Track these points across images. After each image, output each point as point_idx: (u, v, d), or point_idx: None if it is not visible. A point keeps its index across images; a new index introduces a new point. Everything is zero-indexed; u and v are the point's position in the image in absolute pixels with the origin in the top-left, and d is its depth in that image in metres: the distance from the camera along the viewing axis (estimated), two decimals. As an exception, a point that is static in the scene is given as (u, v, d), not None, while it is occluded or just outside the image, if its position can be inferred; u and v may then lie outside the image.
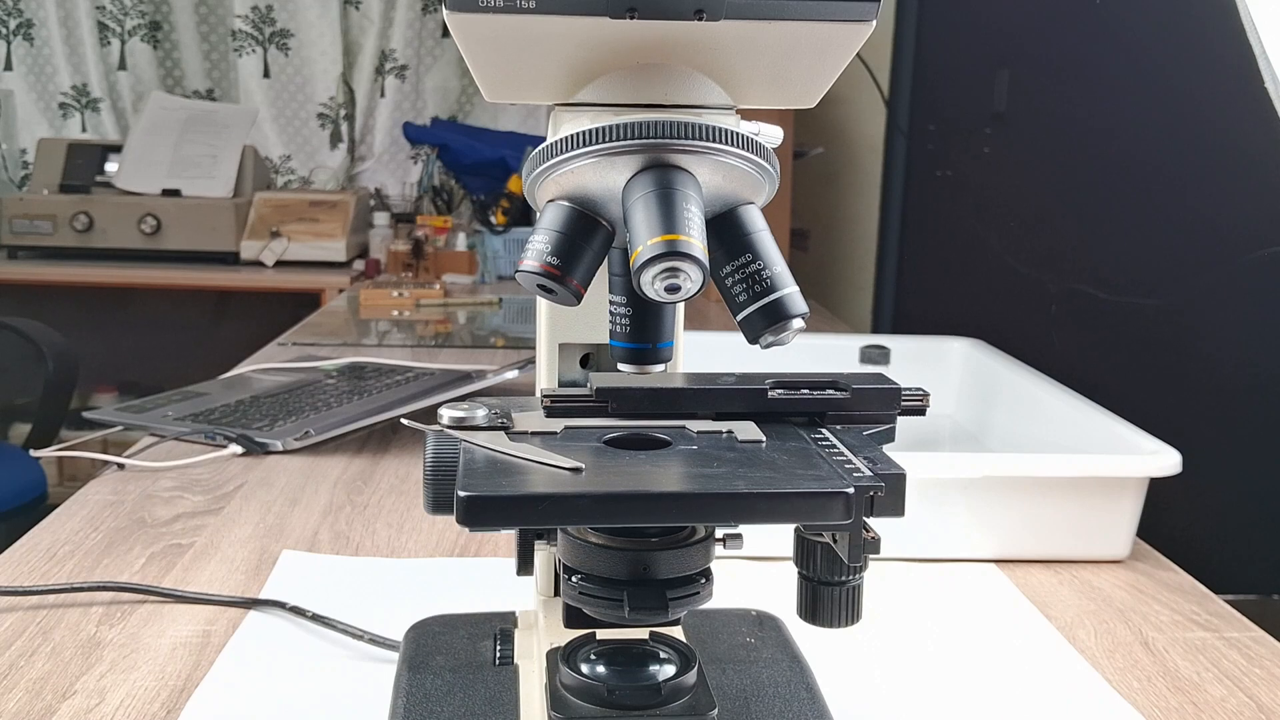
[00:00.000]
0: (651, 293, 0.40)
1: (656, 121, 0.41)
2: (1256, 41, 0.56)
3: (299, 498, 1.03)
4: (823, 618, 0.47)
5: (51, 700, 0.66)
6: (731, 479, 0.44)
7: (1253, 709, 0.70)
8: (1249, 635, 0.80)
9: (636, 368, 0.47)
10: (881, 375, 0.54)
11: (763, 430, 0.50)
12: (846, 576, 0.47)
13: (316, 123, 3.16)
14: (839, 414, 0.52)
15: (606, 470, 0.45)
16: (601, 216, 0.43)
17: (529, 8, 0.40)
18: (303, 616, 0.78)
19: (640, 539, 0.49)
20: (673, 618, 0.49)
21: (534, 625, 0.63)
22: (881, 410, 0.52)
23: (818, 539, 0.47)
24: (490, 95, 0.45)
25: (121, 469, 1.10)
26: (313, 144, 3.18)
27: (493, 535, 0.94)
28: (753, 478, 0.44)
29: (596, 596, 0.48)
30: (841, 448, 0.48)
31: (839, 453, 0.47)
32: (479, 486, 0.42)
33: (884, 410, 0.52)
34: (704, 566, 0.50)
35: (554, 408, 0.53)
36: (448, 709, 0.56)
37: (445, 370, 1.51)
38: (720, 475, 0.44)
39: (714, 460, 0.46)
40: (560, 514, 0.44)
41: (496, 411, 0.52)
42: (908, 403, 0.52)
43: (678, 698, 0.51)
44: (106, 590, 0.81)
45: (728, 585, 0.71)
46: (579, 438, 0.49)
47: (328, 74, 3.12)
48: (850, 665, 0.74)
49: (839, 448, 0.48)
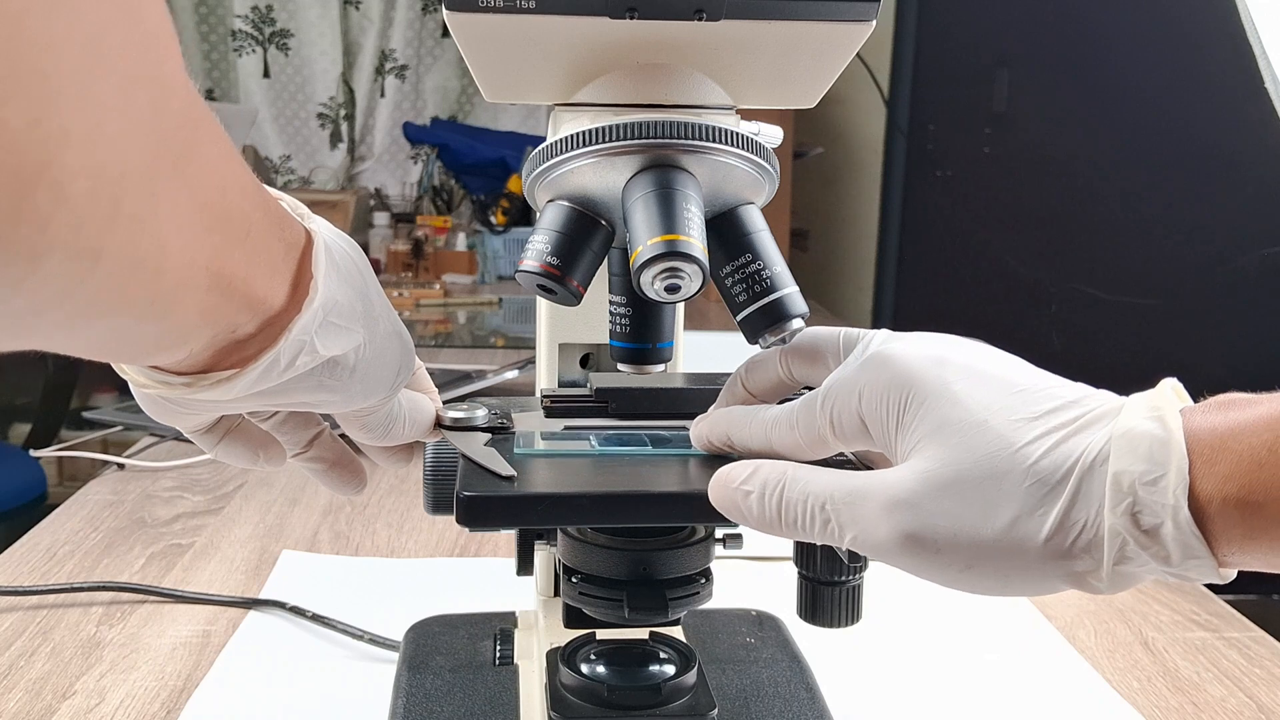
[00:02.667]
0: (651, 293, 0.40)
1: (656, 121, 0.41)
2: (1256, 41, 0.56)
3: (299, 498, 1.03)
4: (823, 618, 0.47)
5: (51, 700, 0.66)
6: None
7: (1253, 709, 0.69)
8: (1249, 635, 0.80)
9: (636, 368, 0.47)
10: None
11: None
12: (846, 576, 0.46)
13: (316, 123, 3.16)
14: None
15: (606, 470, 0.45)
16: (601, 216, 0.43)
17: (529, 8, 0.40)
18: (303, 616, 0.77)
19: (640, 539, 0.49)
20: (673, 618, 0.49)
21: (534, 625, 0.63)
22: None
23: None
24: (490, 95, 0.45)
25: (121, 469, 1.10)
26: (313, 144, 3.17)
27: (493, 535, 0.94)
28: None
29: (596, 597, 0.48)
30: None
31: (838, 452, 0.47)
32: (479, 487, 0.42)
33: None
34: (704, 566, 0.50)
35: (554, 408, 0.53)
36: (448, 709, 0.56)
37: (445, 370, 1.51)
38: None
39: (714, 460, 0.46)
40: (560, 514, 0.44)
41: (496, 411, 0.52)
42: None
43: (678, 698, 0.51)
44: (106, 590, 0.81)
45: (728, 585, 0.71)
46: (578, 437, 0.49)
47: (328, 74, 3.12)
48: (850, 665, 0.74)
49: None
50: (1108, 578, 0.34)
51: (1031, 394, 0.36)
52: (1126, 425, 0.34)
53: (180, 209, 0.28)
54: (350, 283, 0.39)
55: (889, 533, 0.36)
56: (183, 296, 0.31)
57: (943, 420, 0.36)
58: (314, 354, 0.38)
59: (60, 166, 0.23)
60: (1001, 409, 0.36)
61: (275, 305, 0.36)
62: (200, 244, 0.30)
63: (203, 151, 0.29)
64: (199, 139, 0.29)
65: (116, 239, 0.26)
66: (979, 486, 0.35)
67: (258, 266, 0.34)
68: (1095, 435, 0.34)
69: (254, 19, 3.07)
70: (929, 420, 0.36)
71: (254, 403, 0.39)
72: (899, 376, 0.38)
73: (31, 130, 0.22)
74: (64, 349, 0.30)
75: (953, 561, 0.36)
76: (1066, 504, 0.34)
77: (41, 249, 0.24)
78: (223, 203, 0.31)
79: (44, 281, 0.25)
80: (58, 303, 0.26)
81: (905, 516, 0.36)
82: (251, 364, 0.36)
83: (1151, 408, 0.34)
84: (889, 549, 0.36)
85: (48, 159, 0.23)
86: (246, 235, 0.33)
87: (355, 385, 0.41)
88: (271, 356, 0.36)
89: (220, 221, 0.31)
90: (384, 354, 0.42)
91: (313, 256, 0.38)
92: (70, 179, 0.23)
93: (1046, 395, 0.36)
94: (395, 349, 0.43)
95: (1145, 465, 0.33)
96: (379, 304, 0.42)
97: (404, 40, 3.12)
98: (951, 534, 0.35)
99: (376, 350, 0.41)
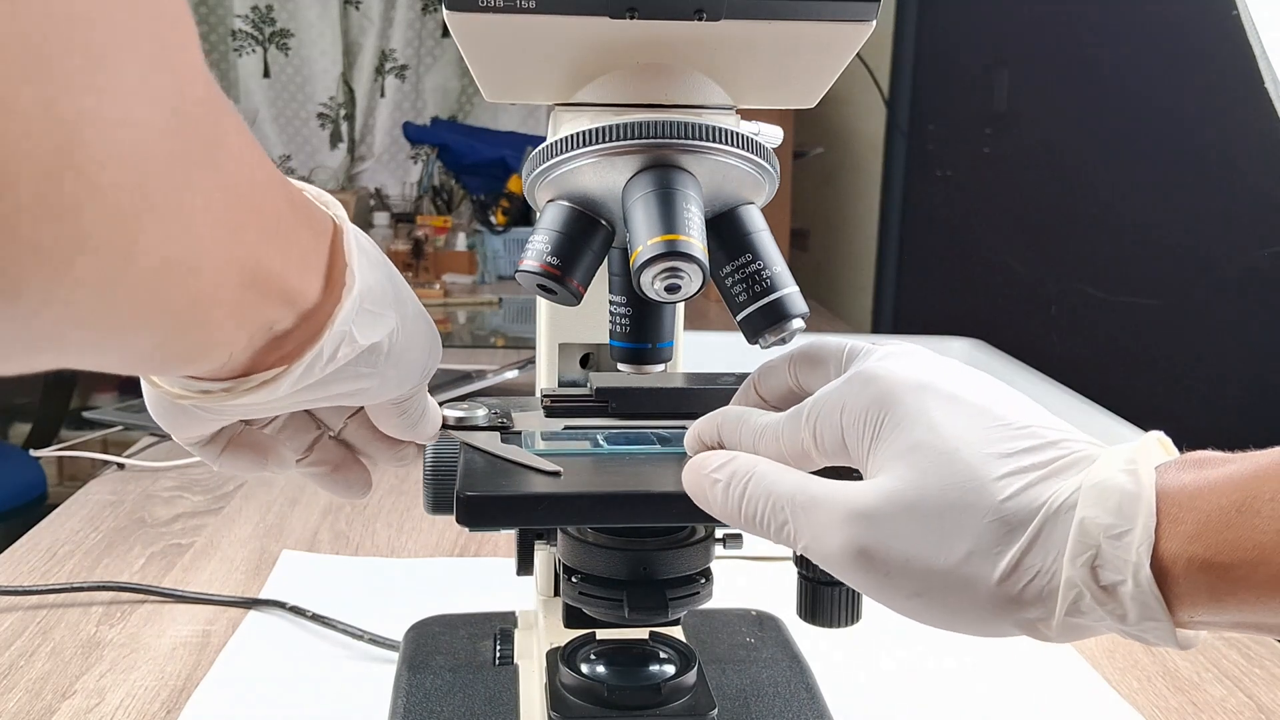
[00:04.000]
0: (651, 293, 0.40)
1: (656, 121, 0.41)
2: (1256, 41, 0.56)
3: (299, 498, 1.03)
4: (823, 617, 0.47)
5: (51, 700, 0.66)
6: None
7: (1253, 709, 0.69)
8: (1249, 635, 0.80)
9: (636, 368, 0.47)
10: None
11: None
12: None
13: (316, 123, 3.16)
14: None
15: (605, 470, 0.45)
16: (601, 216, 0.43)
17: (529, 8, 0.40)
18: (303, 616, 0.77)
19: (640, 539, 0.49)
20: (673, 618, 0.49)
21: (534, 625, 0.63)
22: None
23: None
24: (490, 95, 0.45)
25: (121, 469, 1.10)
26: (313, 144, 3.17)
27: (493, 535, 0.94)
28: None
29: (596, 597, 0.48)
30: None
31: None
32: (479, 487, 0.42)
33: None
34: (704, 566, 0.50)
35: (554, 407, 0.53)
36: (448, 709, 0.56)
37: (445, 370, 1.51)
38: None
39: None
40: (559, 514, 0.44)
41: (496, 411, 0.52)
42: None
43: (678, 698, 0.51)
44: (106, 590, 0.81)
45: (728, 585, 0.71)
46: (579, 438, 0.50)
47: (328, 74, 3.12)
48: (850, 665, 0.74)
49: None
50: (1058, 629, 0.34)
51: (1011, 429, 0.35)
52: (1100, 476, 0.33)
53: (213, 201, 0.27)
54: (378, 267, 0.39)
55: (842, 544, 0.35)
56: (222, 296, 0.29)
57: (915, 443, 0.35)
58: (354, 344, 0.37)
59: (83, 152, 0.22)
60: (976, 441, 0.35)
61: (312, 298, 0.35)
62: (235, 238, 0.29)
63: (229, 141, 0.28)
64: (225, 128, 0.28)
65: (150, 235, 0.24)
66: (940, 515, 0.34)
67: (291, 259, 0.33)
68: (1067, 482, 0.34)
69: (254, 19, 3.07)
70: (901, 441, 0.36)
71: (293, 402, 0.38)
72: (880, 395, 0.37)
73: (47, 112, 0.21)
74: (97, 365, 0.28)
75: (902, 586, 0.35)
76: (1024, 546, 0.33)
77: (73, 247, 0.22)
78: (253, 194, 0.30)
79: (75, 287, 0.23)
80: (90, 313, 0.24)
81: (860, 530, 0.35)
82: (295, 361, 0.35)
83: (1128, 460, 0.33)
84: (840, 561, 0.36)
85: (67, 144, 0.21)
86: (278, 227, 0.32)
87: (390, 370, 0.40)
88: (315, 351, 0.35)
89: (253, 214, 0.30)
90: (415, 336, 0.41)
91: (345, 244, 0.37)
92: (97, 167, 0.22)
93: (1026, 433, 0.35)
94: (424, 330, 0.42)
95: (1113, 519, 0.32)
96: (403, 286, 0.41)
97: (404, 40, 3.12)
98: (904, 557, 0.34)
99: (408, 333, 0.40)
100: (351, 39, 3.13)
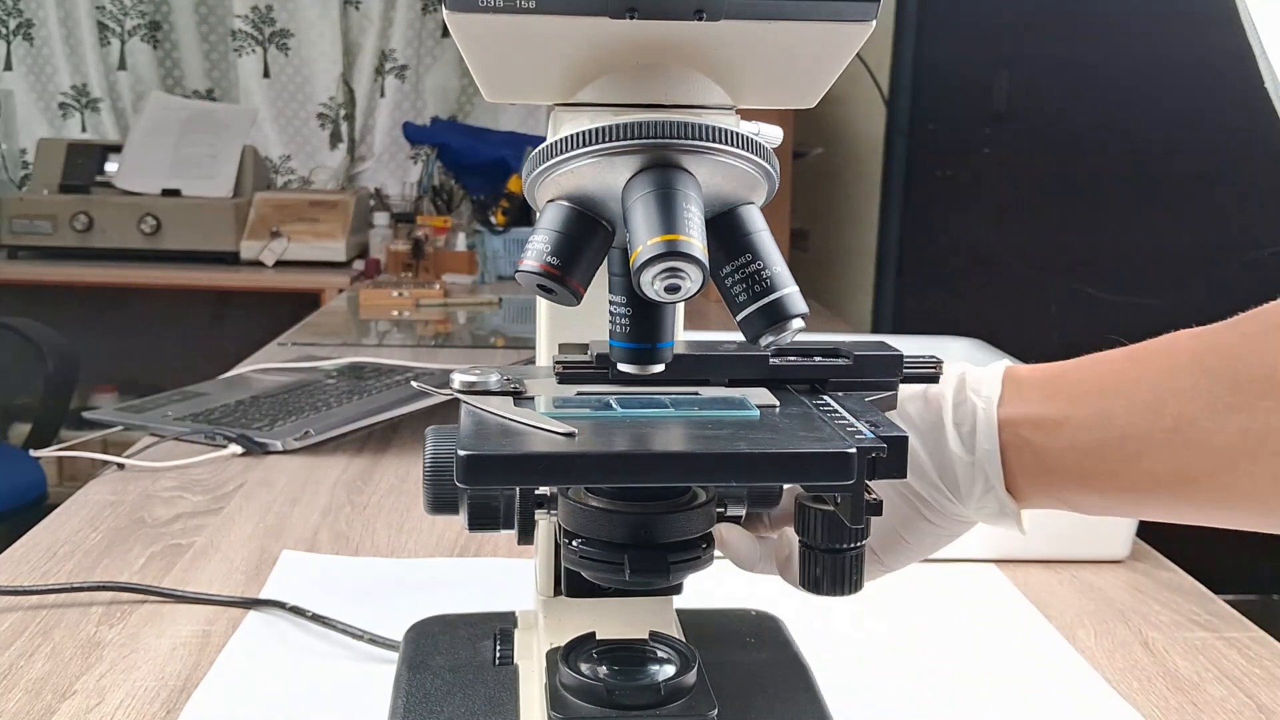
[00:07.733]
0: (651, 293, 0.40)
1: (656, 121, 0.41)
2: (1256, 41, 0.56)
3: (299, 498, 1.03)
4: (825, 586, 0.47)
5: (51, 700, 0.66)
6: (734, 440, 0.44)
7: (1252, 709, 0.69)
8: (1249, 635, 0.80)
9: (637, 368, 0.47)
10: (884, 343, 0.54)
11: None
12: (848, 544, 0.47)
13: (316, 123, 3.16)
14: (841, 380, 0.52)
15: (608, 431, 0.45)
16: (601, 216, 0.43)
17: (529, 8, 0.40)
18: (303, 617, 0.77)
19: (641, 502, 0.49)
20: (674, 582, 0.49)
21: (534, 625, 0.63)
22: (883, 376, 0.52)
23: (819, 506, 0.47)
24: (490, 95, 0.45)
25: (121, 469, 1.10)
26: (313, 144, 3.18)
27: (492, 536, 0.94)
28: (755, 439, 0.44)
29: (597, 560, 0.48)
30: (843, 412, 0.48)
31: (841, 416, 0.47)
32: (480, 446, 0.42)
33: (886, 376, 0.52)
34: (705, 531, 0.50)
35: (566, 374, 0.53)
36: (448, 709, 0.56)
37: (445, 370, 1.51)
38: (722, 436, 0.44)
39: (726, 424, 0.46)
40: (561, 473, 0.44)
41: (509, 377, 0.51)
42: (918, 370, 0.52)
43: (677, 698, 0.51)
44: (106, 590, 0.81)
45: (728, 585, 0.71)
46: (592, 403, 0.49)
47: (328, 74, 3.12)
48: (850, 665, 0.74)
49: (841, 412, 0.48)
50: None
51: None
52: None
53: None
54: None
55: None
56: None
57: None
58: None
59: None
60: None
61: None
62: None
63: None
64: None
65: None
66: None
67: None
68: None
69: (254, 19, 3.07)
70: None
71: None
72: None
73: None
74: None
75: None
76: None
77: None
78: None
79: None
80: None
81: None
82: None
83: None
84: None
85: None
86: None
87: None
88: None
89: None
90: None
91: None
92: None
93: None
94: None
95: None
96: None
97: (404, 40, 3.13)
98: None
99: None
100: (351, 39, 3.14)
